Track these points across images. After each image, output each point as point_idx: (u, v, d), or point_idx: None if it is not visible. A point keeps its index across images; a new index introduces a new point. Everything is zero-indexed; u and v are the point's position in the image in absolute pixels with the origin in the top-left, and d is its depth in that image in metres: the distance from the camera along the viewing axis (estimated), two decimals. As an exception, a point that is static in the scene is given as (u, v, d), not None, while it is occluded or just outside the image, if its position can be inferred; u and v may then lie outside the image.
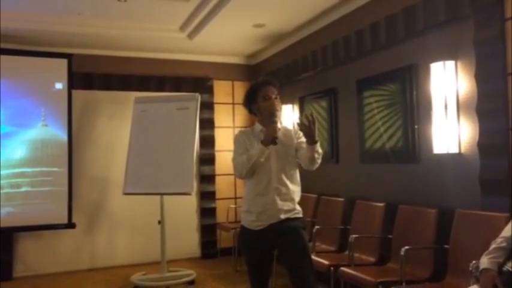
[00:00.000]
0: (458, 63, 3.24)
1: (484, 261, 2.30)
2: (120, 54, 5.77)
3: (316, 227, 4.19)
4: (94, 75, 5.68)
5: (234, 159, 2.76)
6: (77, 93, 5.54)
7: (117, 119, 5.73)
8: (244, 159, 2.65)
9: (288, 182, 2.70)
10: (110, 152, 5.69)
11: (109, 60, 5.75)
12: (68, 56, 5.40)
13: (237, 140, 2.81)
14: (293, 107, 5.55)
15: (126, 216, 5.70)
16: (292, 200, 2.70)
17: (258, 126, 2.79)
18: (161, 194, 4.79)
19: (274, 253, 2.80)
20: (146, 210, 5.36)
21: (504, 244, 2.33)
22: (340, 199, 4.42)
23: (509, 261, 2.25)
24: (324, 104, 4.90)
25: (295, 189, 2.73)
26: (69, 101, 5.39)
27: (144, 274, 4.96)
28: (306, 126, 2.51)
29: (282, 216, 2.65)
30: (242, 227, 2.78)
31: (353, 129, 4.39)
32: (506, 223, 2.44)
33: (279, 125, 2.74)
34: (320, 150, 2.62)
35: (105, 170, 5.68)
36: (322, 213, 4.63)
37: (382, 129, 3.99)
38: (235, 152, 2.77)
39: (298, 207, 2.73)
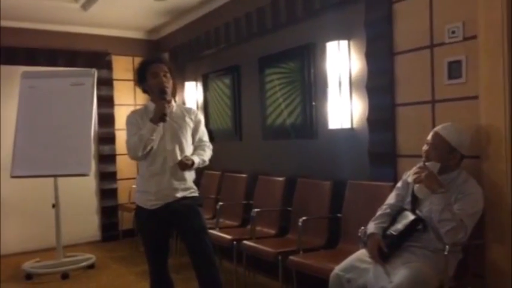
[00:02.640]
0: (351, 43, 3.41)
1: (371, 227, 2.51)
2: (3, 24, 5.18)
3: (220, 203, 4.23)
4: (-28, 46, 5.09)
5: (127, 141, 2.69)
6: (-48, 67, 4.96)
7: (1, 96, 5.20)
8: (136, 139, 2.59)
9: None
10: (-6, 132, 5.18)
11: (-10, 31, 5.18)
12: None
13: (129, 120, 2.74)
14: (196, 85, 5.48)
15: (15, 200, 5.25)
16: (189, 178, 2.72)
17: (151, 105, 2.74)
18: (55, 176, 4.49)
19: (171, 232, 2.80)
20: (39, 194, 4.99)
21: (388, 210, 2.55)
22: (243, 175, 4.48)
23: (392, 225, 2.46)
24: (227, 81, 4.90)
25: None
26: None
27: (38, 261, 4.64)
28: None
29: (179, 195, 2.67)
30: (138, 206, 2.74)
31: (256, 107, 4.45)
32: (391, 192, 2.66)
33: (173, 103, 2.73)
34: (206, 161, 2.77)
35: (-11, 152, 5.17)
36: (226, 190, 4.68)
37: (283, 106, 4.09)
38: (128, 132, 2.70)
39: (193, 186, 2.77)
